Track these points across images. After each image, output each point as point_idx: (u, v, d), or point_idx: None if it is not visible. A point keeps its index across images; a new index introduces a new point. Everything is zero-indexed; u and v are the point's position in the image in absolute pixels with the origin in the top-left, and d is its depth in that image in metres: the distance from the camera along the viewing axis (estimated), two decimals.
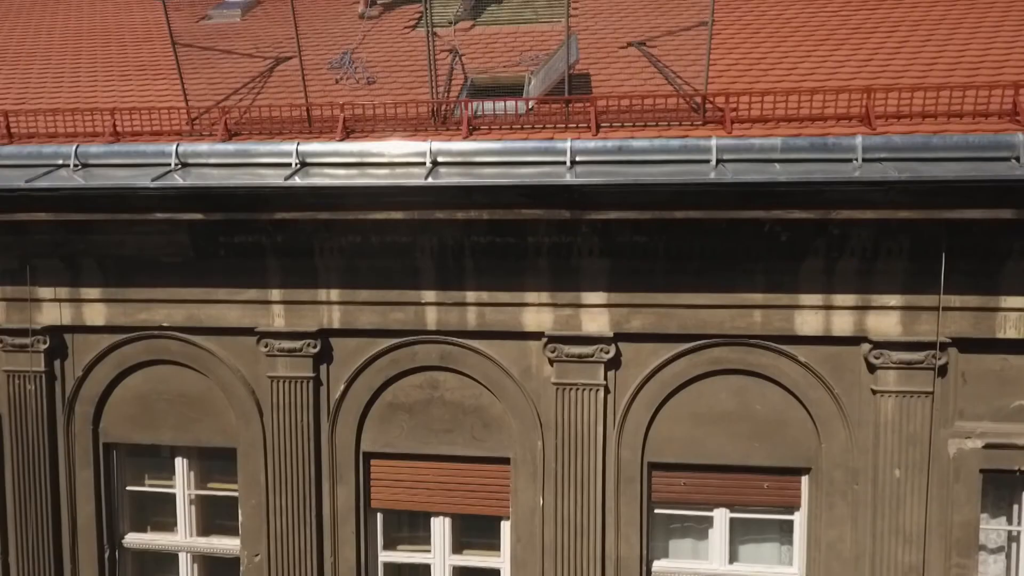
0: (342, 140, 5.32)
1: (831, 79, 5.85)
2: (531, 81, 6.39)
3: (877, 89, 4.97)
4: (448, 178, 4.70)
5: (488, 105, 5.84)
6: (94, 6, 10.13)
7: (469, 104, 5.39)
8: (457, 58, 6.75)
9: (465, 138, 5.22)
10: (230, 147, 5.12)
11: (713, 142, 4.58)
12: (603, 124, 5.27)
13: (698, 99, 5.32)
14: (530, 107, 5.75)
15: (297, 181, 4.77)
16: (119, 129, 5.75)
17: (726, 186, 4.34)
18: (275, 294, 5.46)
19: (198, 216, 5.02)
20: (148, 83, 7.06)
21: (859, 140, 4.44)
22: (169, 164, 5.14)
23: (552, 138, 5.13)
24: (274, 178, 4.96)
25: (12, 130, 5.89)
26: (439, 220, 4.90)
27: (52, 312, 5.76)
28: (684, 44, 6.46)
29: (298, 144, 5.04)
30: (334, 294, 5.41)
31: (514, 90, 6.34)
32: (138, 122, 5.77)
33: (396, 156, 4.92)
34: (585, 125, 5.25)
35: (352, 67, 6.84)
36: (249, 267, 5.43)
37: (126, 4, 10.18)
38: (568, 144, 4.73)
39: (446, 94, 6.06)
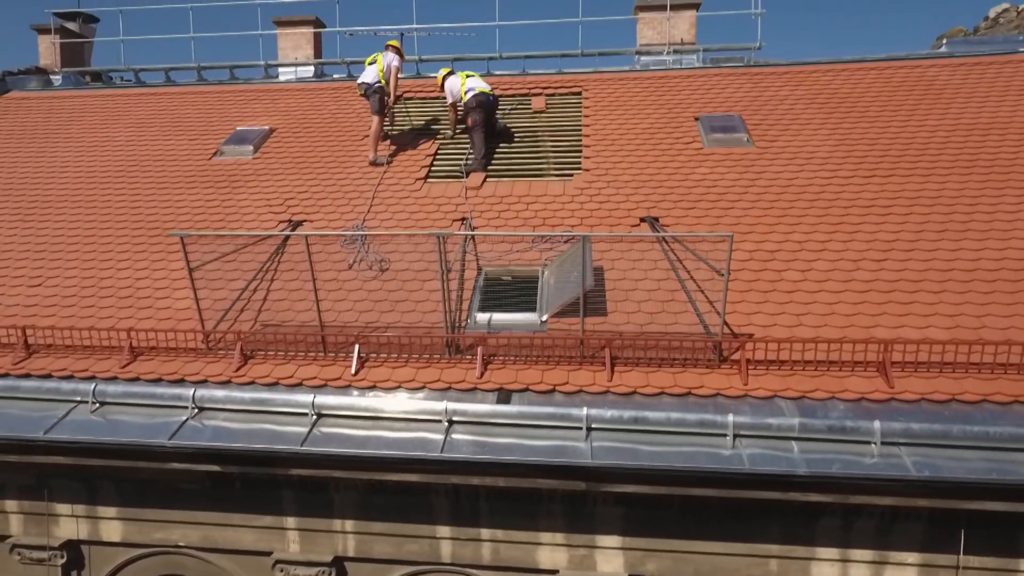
0: (356, 373, 5.33)
1: (846, 290, 5.84)
2: (544, 273, 6.39)
3: (895, 342, 4.95)
4: (463, 446, 4.71)
5: (500, 317, 5.88)
6: (108, 130, 10.15)
7: (484, 341, 5.38)
8: (470, 242, 6.73)
9: (480, 376, 5.22)
10: (246, 395, 5.14)
11: (730, 419, 4.57)
12: (617, 360, 5.27)
13: (715, 334, 5.30)
14: (543, 320, 5.76)
15: (313, 446, 4.79)
16: (135, 345, 5.78)
17: (743, 475, 4.33)
18: (290, 522, 5.49)
19: (215, 468, 5.05)
20: (163, 258, 7.09)
21: (877, 425, 4.43)
22: (186, 407, 5.19)
23: (567, 382, 5.14)
24: (292, 427, 5.02)
25: (30, 341, 5.95)
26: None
27: (69, 526, 5.81)
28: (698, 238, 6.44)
29: (314, 396, 5.07)
30: (349, 525, 5.43)
31: (527, 282, 6.34)
32: (155, 339, 5.80)
33: (411, 413, 4.94)
34: (600, 364, 5.24)
35: (364, 248, 6.84)
36: (265, 497, 5.45)
37: (139, 126, 10.22)
38: (584, 412, 4.74)
39: (460, 296, 6.04)
